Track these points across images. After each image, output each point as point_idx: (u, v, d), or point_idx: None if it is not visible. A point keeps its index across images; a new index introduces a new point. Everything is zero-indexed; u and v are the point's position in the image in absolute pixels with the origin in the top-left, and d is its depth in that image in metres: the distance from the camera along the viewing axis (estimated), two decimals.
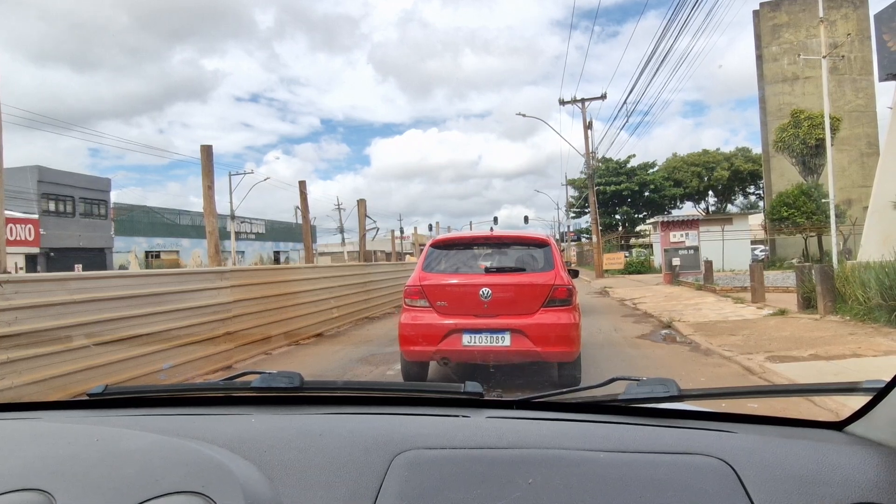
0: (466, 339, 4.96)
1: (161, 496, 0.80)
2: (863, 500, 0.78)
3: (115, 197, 35.31)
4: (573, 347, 5.01)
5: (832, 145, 21.75)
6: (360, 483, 0.84)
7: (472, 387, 1.18)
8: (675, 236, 20.03)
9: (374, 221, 19.39)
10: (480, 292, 5.00)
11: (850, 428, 1.01)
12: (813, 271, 9.40)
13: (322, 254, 52.90)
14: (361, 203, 12.94)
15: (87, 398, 1.26)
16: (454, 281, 5.24)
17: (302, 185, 10.18)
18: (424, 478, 0.85)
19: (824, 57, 16.63)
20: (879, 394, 0.96)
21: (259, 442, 0.97)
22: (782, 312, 9.48)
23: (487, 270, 5.24)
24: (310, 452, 0.93)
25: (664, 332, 9.18)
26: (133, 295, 5.62)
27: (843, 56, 28.02)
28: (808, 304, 9.44)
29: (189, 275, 6.65)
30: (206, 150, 6.73)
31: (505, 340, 4.93)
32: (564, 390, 1.24)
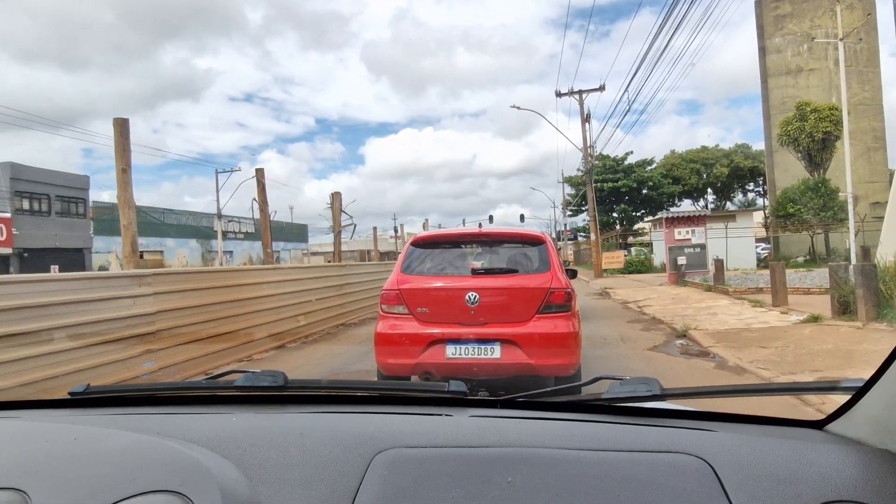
0: (451, 350, 4.40)
1: (137, 495, 0.79)
2: (839, 498, 0.78)
3: (106, 196, 33.94)
4: (572, 360, 4.43)
5: (841, 139, 20.62)
6: (339, 482, 0.84)
7: (456, 385, 1.16)
8: (680, 233, 18.72)
9: (351, 217, 18.25)
10: (467, 297, 4.42)
11: (830, 427, 1.00)
12: (852, 271, 8.14)
13: (315, 253, 52.30)
14: (336, 196, 11.60)
15: (68, 397, 1.22)
16: (437, 284, 4.65)
17: (259, 173, 8.79)
18: (403, 477, 0.85)
19: (841, 39, 15.41)
20: (858, 392, 0.95)
21: (239, 441, 0.95)
22: (815, 319, 8.22)
23: (475, 272, 4.63)
24: (290, 451, 0.92)
25: (679, 342, 7.92)
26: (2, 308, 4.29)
27: (861, 38, 26.75)
28: (844, 308, 8.19)
29: (94, 280, 5.30)
30: (120, 125, 5.36)
31: (494, 352, 4.35)
32: (548, 389, 1.26)
